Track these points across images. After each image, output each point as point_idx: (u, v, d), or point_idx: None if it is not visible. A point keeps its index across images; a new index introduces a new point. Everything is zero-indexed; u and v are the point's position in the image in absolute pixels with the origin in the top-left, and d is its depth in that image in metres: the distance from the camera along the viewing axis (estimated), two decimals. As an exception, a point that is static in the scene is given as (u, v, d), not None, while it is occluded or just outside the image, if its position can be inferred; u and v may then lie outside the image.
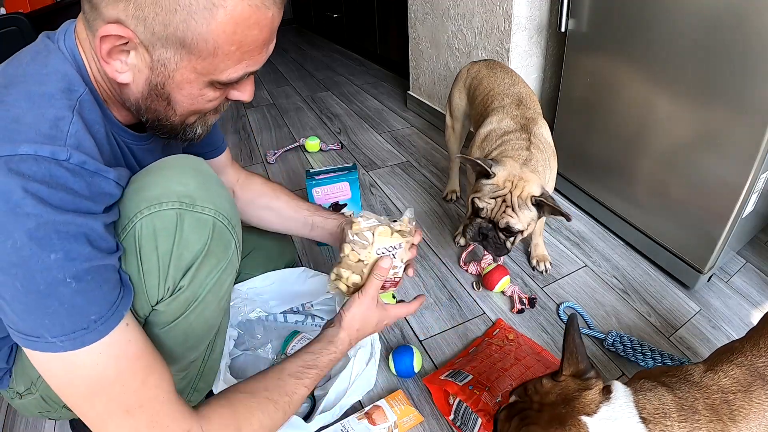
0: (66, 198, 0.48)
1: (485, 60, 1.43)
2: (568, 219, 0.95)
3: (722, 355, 0.64)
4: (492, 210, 1.01)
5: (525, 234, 1.04)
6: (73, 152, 0.50)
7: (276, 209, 0.98)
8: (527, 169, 1.03)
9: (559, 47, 1.69)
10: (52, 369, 0.51)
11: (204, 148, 0.89)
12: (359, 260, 0.76)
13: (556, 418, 0.58)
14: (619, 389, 0.60)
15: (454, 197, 1.63)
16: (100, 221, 0.52)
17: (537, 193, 0.99)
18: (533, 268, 1.31)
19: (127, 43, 0.51)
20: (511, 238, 1.03)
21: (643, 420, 0.57)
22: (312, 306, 1.14)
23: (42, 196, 0.46)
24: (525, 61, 1.68)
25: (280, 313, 1.13)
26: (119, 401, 0.53)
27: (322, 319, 1.12)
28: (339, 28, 3.78)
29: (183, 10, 0.49)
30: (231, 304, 1.00)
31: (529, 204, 0.99)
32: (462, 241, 1.41)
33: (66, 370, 0.51)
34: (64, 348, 0.49)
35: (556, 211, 0.97)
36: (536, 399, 0.62)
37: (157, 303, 0.63)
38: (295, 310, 1.14)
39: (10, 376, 0.71)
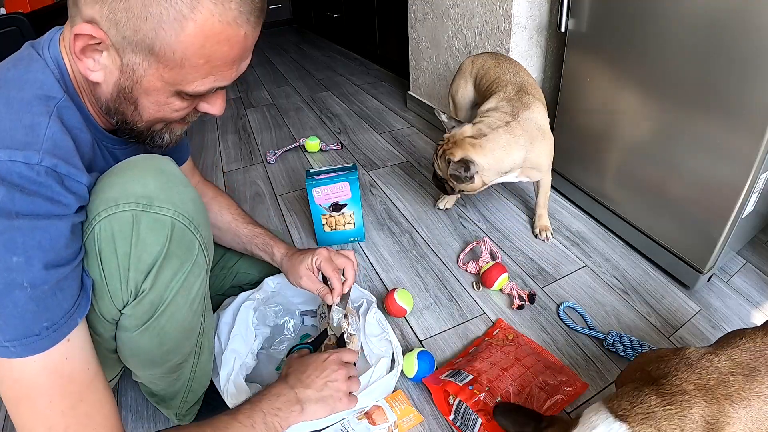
0: (36, 202, 0.49)
1: (488, 52, 1.50)
2: (464, 180, 1.18)
3: (730, 340, 0.64)
4: (435, 152, 1.30)
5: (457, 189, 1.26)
6: (45, 156, 0.50)
7: (218, 227, 1.00)
8: (473, 140, 1.19)
9: (559, 47, 1.69)
10: None
11: (169, 155, 0.90)
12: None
13: None
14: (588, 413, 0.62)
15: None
16: (68, 222, 0.52)
17: (456, 159, 1.19)
18: (535, 236, 1.42)
19: (100, 43, 0.52)
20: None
21: (620, 417, 0.58)
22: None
23: (13, 199, 0.47)
24: (525, 61, 1.68)
25: (300, 313, 1.12)
26: (44, 417, 0.52)
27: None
28: (339, 28, 3.78)
29: (153, 18, 0.50)
30: (264, 305, 1.01)
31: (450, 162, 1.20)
32: (441, 205, 1.56)
33: None
34: (16, 354, 0.49)
35: (454, 175, 1.18)
36: None
37: (124, 306, 0.63)
38: (314, 313, 1.12)
39: None
